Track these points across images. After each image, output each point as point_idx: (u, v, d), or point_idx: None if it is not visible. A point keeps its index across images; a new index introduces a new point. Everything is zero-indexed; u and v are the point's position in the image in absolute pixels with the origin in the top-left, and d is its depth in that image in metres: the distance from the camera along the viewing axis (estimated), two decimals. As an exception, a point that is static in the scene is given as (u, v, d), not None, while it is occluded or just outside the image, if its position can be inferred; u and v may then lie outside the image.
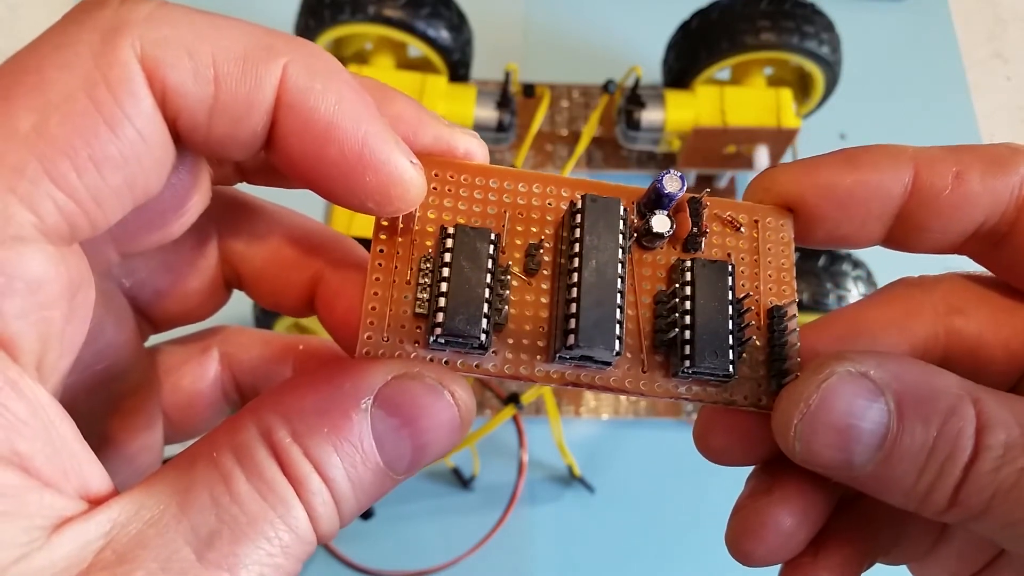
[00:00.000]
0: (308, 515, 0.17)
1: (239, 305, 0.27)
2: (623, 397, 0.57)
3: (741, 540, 0.21)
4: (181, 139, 0.18)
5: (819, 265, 0.50)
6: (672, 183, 0.21)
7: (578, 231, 0.20)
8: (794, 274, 0.22)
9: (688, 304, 0.21)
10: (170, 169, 0.18)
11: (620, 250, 0.20)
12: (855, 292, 0.50)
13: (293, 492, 0.17)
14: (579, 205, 0.21)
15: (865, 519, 0.23)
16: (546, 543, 0.53)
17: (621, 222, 0.21)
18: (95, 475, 0.17)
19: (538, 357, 0.20)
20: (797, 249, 0.22)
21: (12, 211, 0.15)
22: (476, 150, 0.21)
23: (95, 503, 0.16)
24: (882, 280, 0.52)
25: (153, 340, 0.26)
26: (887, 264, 0.34)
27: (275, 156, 0.19)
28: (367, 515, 0.50)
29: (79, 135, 0.16)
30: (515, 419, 0.55)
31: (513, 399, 0.49)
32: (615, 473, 0.55)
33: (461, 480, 0.53)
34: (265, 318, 0.50)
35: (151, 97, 0.17)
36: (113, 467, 0.17)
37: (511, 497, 0.53)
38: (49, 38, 0.16)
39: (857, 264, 0.52)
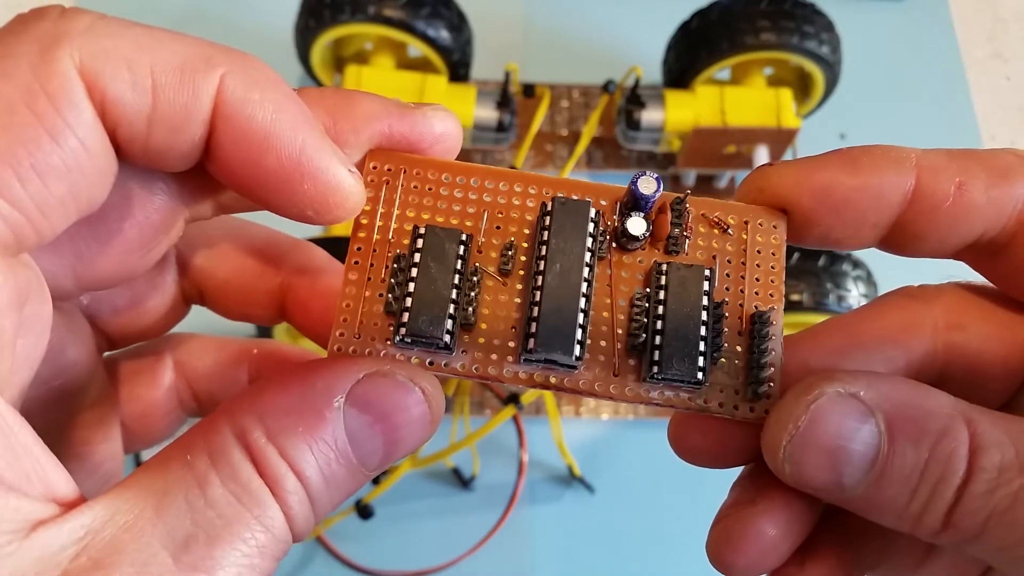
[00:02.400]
0: (284, 514, 0.17)
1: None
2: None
3: (723, 551, 0.21)
4: (121, 150, 0.18)
5: (819, 265, 0.50)
6: (647, 185, 0.20)
7: (546, 234, 0.20)
8: (783, 278, 0.21)
9: (660, 309, 0.20)
10: (113, 179, 0.18)
11: (588, 253, 0.20)
12: (855, 292, 0.50)
13: (269, 493, 0.17)
14: (549, 207, 0.21)
15: (851, 532, 0.22)
16: (546, 543, 0.53)
17: (591, 224, 0.20)
18: (60, 480, 0.17)
19: (508, 358, 0.20)
20: (798, 250, 0.22)
21: None
22: (451, 128, 0.21)
23: (64, 507, 0.16)
24: (881, 279, 0.52)
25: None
26: (887, 263, 0.34)
27: (214, 166, 0.19)
28: (367, 515, 0.50)
29: (21, 145, 0.16)
30: (515, 419, 0.55)
31: (513, 399, 0.49)
32: (615, 473, 0.55)
33: (461, 480, 0.53)
34: (264, 327, 0.50)
35: (91, 107, 0.17)
36: (77, 479, 0.17)
37: (511, 497, 0.53)
38: None
39: (857, 264, 0.51)
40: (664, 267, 0.21)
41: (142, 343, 0.27)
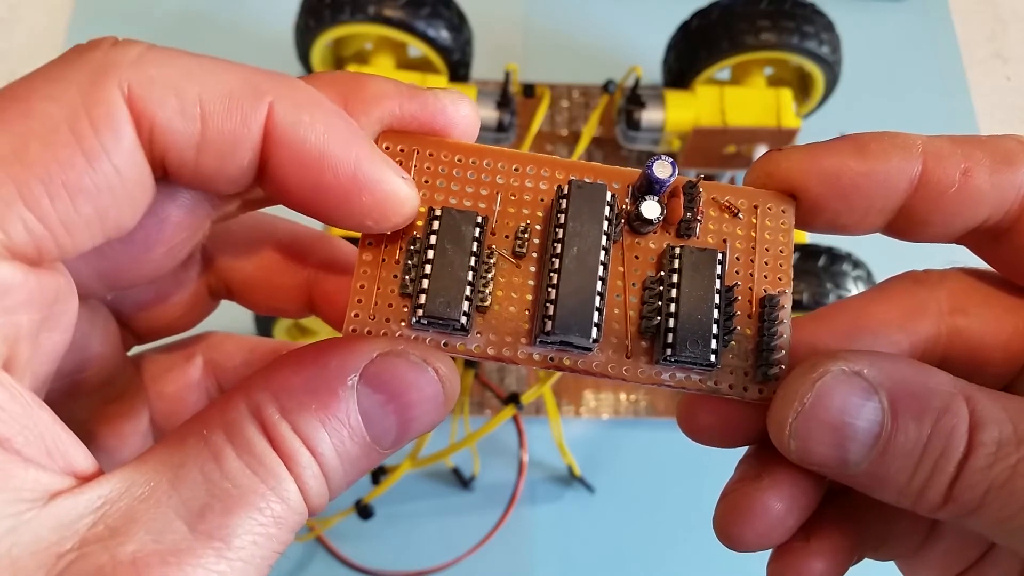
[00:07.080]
0: (299, 488, 0.18)
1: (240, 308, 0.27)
2: (623, 395, 0.57)
3: (729, 525, 0.21)
4: (170, 174, 0.18)
5: (819, 265, 0.50)
6: (662, 169, 0.21)
7: (562, 216, 0.20)
8: (792, 262, 0.22)
9: (673, 292, 0.20)
10: (146, 207, 0.19)
11: (604, 236, 0.20)
12: (855, 292, 0.50)
13: (283, 466, 0.17)
14: (566, 190, 0.21)
15: (855, 513, 0.23)
16: (546, 543, 0.53)
17: (607, 208, 0.21)
18: (79, 455, 0.17)
19: (522, 340, 0.21)
20: (798, 249, 0.22)
21: None
22: (465, 112, 0.21)
23: (84, 480, 0.17)
24: (880, 275, 0.52)
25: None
26: (886, 256, 0.35)
27: (270, 188, 0.19)
28: (367, 515, 0.50)
29: (56, 163, 0.16)
30: (515, 419, 0.55)
31: (513, 399, 0.49)
32: (615, 473, 0.55)
33: (461, 480, 0.53)
34: (265, 320, 0.50)
35: (134, 135, 0.17)
36: (106, 471, 0.17)
37: (511, 497, 0.53)
38: (43, 73, 0.17)
39: (857, 264, 0.51)
40: (678, 250, 0.21)
41: (175, 341, 0.27)
